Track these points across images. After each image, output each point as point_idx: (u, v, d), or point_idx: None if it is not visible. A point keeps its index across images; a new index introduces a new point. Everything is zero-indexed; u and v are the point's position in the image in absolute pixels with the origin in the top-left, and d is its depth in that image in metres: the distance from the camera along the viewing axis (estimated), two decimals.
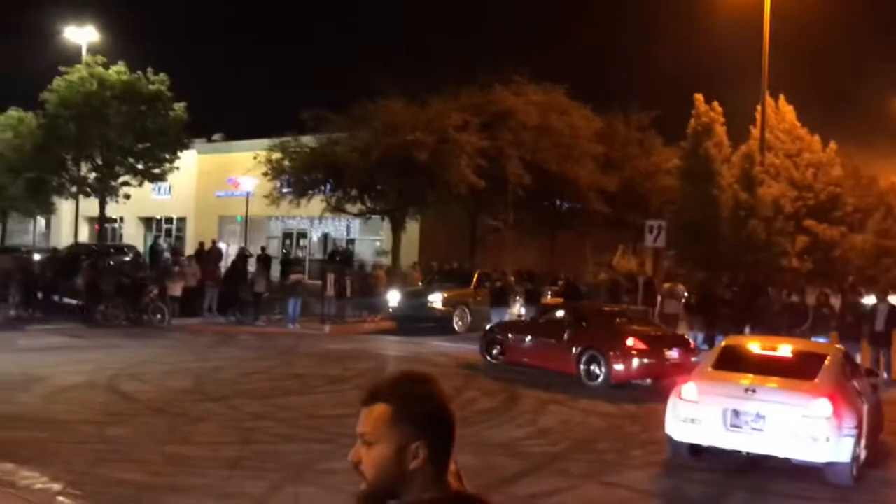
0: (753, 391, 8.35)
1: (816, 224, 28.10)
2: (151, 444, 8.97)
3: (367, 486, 1.85)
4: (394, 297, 22.65)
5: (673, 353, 13.90)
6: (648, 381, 14.03)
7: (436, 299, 21.70)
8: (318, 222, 31.87)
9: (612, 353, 13.54)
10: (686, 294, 19.68)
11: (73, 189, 32.43)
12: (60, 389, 11.75)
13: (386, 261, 29.93)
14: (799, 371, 8.81)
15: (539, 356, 14.95)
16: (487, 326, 16.91)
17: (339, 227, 36.26)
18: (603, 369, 13.57)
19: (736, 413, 8.29)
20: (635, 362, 13.52)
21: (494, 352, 15.66)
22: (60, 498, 6.97)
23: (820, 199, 28.76)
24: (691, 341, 15.82)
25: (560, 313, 15.91)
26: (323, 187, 26.93)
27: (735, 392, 8.43)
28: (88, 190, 31.53)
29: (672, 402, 8.86)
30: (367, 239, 36.33)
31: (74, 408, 10.80)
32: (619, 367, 13.49)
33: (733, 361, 9.22)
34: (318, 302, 23.30)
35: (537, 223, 31.75)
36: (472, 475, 7.45)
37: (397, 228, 27.49)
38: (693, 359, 13.88)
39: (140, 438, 9.24)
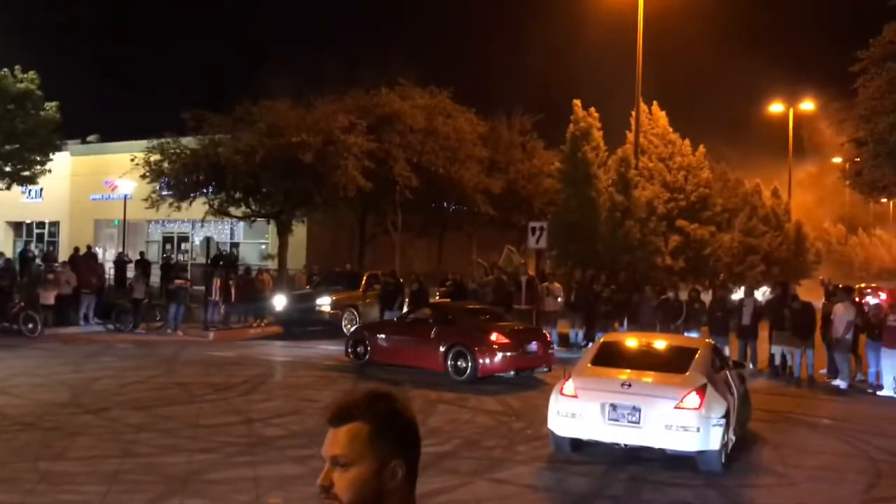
0: (629, 385, 8.74)
1: (688, 224, 29.55)
2: (23, 461, 8.55)
3: None
4: (280, 301, 22.34)
5: (532, 346, 14.77)
6: (511, 372, 14.82)
7: (324, 302, 21.55)
8: (201, 226, 30.98)
9: (477, 348, 14.24)
10: (562, 293, 20.31)
11: None
12: None
13: (272, 264, 29.46)
14: (672, 365, 9.29)
15: (406, 354, 15.40)
16: (352, 328, 16.92)
17: (222, 231, 35.39)
18: (469, 363, 14.24)
19: (613, 407, 8.64)
20: (499, 356, 14.28)
21: (360, 350, 15.96)
22: None
23: (691, 200, 30.25)
24: (548, 335, 16.71)
25: (424, 313, 16.42)
26: (205, 190, 26.21)
27: (612, 387, 8.79)
28: None
29: (553, 398, 9.16)
30: (253, 242, 35.65)
31: None
32: (484, 360, 14.21)
33: (611, 357, 9.69)
34: (202, 308, 22.72)
35: (425, 225, 32.05)
36: None
37: (283, 231, 27.10)
38: (550, 351, 15.28)
39: (10, 456, 8.79)
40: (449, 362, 14.45)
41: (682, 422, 8.41)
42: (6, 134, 28.17)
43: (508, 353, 14.36)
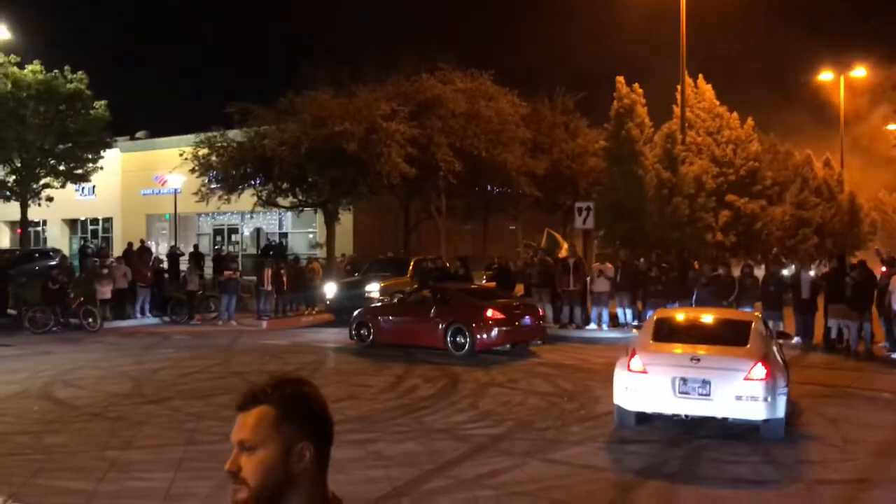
0: (698, 360, 8.99)
1: (738, 199, 29.01)
2: (92, 450, 8.87)
3: (251, 493, 1.74)
4: (330, 289, 22.63)
5: (526, 320, 15.80)
6: (508, 345, 15.80)
7: (373, 289, 21.77)
8: (250, 217, 31.47)
9: (474, 325, 15.19)
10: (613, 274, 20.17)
11: None
12: None
13: (321, 253, 29.81)
14: (731, 339, 9.50)
15: (407, 334, 16.25)
16: (355, 311, 17.68)
17: (271, 221, 35.91)
18: (468, 339, 15.16)
19: (684, 381, 8.89)
20: (495, 331, 15.25)
21: (364, 333, 16.73)
22: None
23: (740, 174, 29.68)
24: (540, 309, 17.39)
25: (422, 295, 17.24)
26: (253, 181, 26.62)
27: (681, 361, 9.07)
28: (8, 194, 30.49)
29: (620, 374, 9.37)
30: (301, 232, 36.09)
31: (8, 419, 10.55)
32: (482, 335, 15.17)
33: (670, 333, 9.91)
34: (253, 298, 23.12)
35: (469, 209, 32.08)
36: (416, 461, 7.71)
37: (330, 220, 27.39)
38: (542, 324, 16.59)
39: (79, 445, 9.12)
40: (448, 339, 15.35)
41: (751, 392, 8.68)
42: (59, 134, 28.91)
43: (504, 328, 15.30)
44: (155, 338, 18.91)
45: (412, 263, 23.16)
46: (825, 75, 42.59)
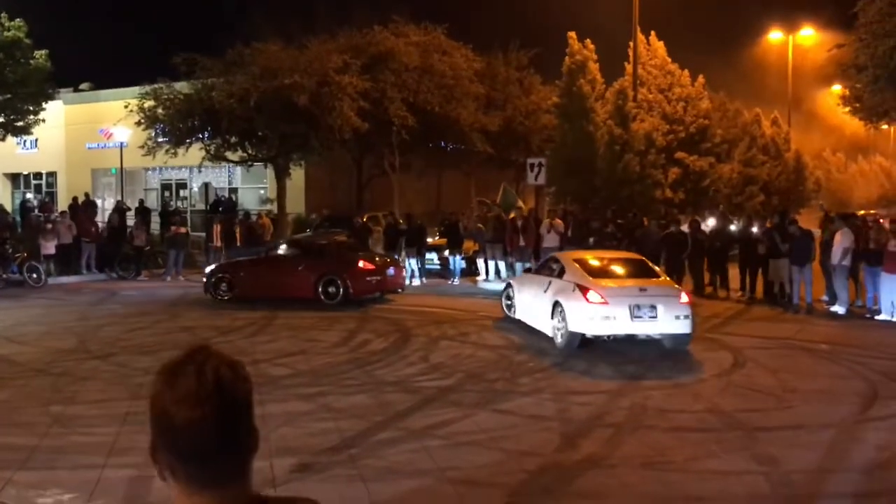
0: (645, 290, 11.45)
1: (687, 156, 29.39)
2: (35, 406, 8.72)
3: None
4: (282, 247, 22.37)
5: (390, 271, 17.09)
6: (377, 294, 17.02)
7: None
8: (198, 172, 30.83)
9: (347, 275, 16.35)
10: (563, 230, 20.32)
11: None
12: None
13: (272, 207, 29.44)
14: (649, 273, 12.30)
15: (274, 287, 16.79)
16: (207, 269, 18.14)
17: (220, 176, 35.26)
18: (341, 289, 16.26)
19: (638, 307, 11.18)
20: (366, 280, 16.55)
21: (223, 289, 17.12)
22: None
23: (690, 131, 30.02)
24: (400, 262, 18.85)
25: (284, 249, 18.16)
26: (201, 135, 26.03)
27: (633, 293, 11.38)
28: None
29: (578, 306, 11.32)
30: (251, 187, 35.55)
31: None
32: (355, 284, 16.34)
33: (600, 272, 12.21)
34: (202, 253, 22.80)
35: (423, 165, 31.90)
36: (366, 413, 7.72)
37: (281, 175, 27.01)
38: (403, 274, 18.38)
39: (23, 401, 8.95)
40: (320, 290, 16.31)
41: (684, 312, 11.31)
42: None
43: (374, 278, 16.60)
44: (101, 294, 18.56)
45: (364, 219, 22.97)
46: (775, 34, 43.09)
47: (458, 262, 20.64)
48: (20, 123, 29.39)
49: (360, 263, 16.73)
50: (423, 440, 7.47)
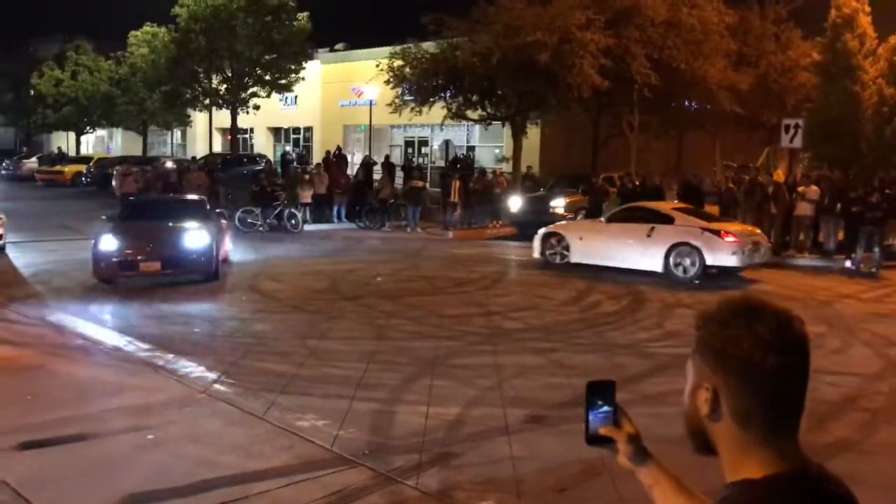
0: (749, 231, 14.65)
1: None
2: (294, 338, 9.58)
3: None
4: (515, 203, 22.69)
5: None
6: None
7: (558, 204, 21.60)
8: (440, 130, 31.95)
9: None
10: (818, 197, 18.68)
11: (206, 101, 33.78)
12: (203, 290, 12.63)
13: (507, 167, 29.86)
14: (706, 217, 15.13)
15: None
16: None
17: (459, 135, 36.30)
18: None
19: (754, 244, 14.42)
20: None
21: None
22: (217, 385, 7.60)
23: None
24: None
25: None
26: (443, 94, 26.85)
27: (746, 233, 14.66)
28: (220, 102, 32.78)
29: (719, 244, 13.84)
30: (488, 146, 36.26)
31: (222, 306, 11.61)
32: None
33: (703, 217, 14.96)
34: (439, 208, 23.68)
35: (663, 125, 30.73)
36: (597, 372, 7.64)
37: (518, 134, 27.23)
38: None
39: (283, 333, 9.87)
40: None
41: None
42: (265, 45, 30.49)
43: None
44: (350, 241, 19.91)
45: (600, 179, 22.61)
46: None
47: None
48: (283, 81, 32.06)
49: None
50: (657, 406, 7.28)
